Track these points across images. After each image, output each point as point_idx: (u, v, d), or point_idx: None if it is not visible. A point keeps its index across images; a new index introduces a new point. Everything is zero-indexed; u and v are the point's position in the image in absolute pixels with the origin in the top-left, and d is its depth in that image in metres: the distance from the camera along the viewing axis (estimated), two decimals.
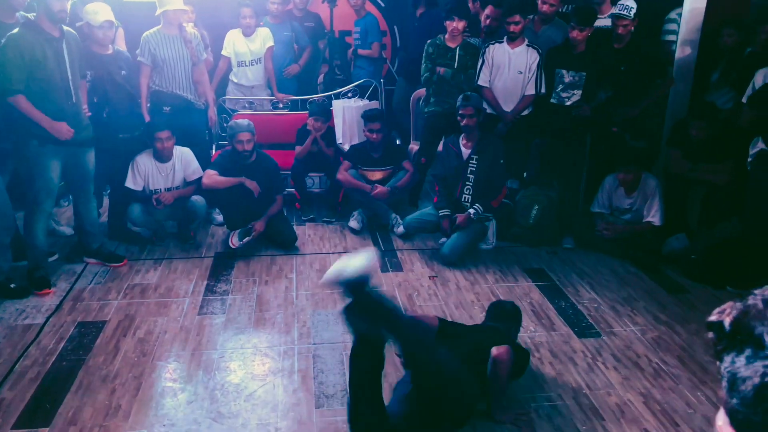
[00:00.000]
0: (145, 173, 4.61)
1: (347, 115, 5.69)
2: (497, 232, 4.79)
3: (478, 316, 3.75)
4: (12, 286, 3.88)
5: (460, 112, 4.50)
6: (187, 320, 3.67)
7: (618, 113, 4.72)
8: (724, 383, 0.54)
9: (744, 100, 4.19)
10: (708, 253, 4.15)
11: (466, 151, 4.63)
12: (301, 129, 5.37)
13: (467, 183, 4.60)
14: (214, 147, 5.54)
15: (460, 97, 4.56)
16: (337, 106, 5.71)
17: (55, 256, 4.34)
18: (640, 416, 2.85)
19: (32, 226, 3.97)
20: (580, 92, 4.67)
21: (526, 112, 4.90)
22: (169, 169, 4.67)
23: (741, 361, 0.52)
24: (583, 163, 4.97)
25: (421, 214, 4.82)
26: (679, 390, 3.05)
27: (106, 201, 5.07)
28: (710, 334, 0.55)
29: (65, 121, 3.83)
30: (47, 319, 3.66)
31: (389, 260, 4.58)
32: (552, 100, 4.77)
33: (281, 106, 5.89)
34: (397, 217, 5.05)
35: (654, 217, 4.44)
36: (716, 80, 4.79)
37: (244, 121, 4.75)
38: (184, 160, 4.71)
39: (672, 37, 5.20)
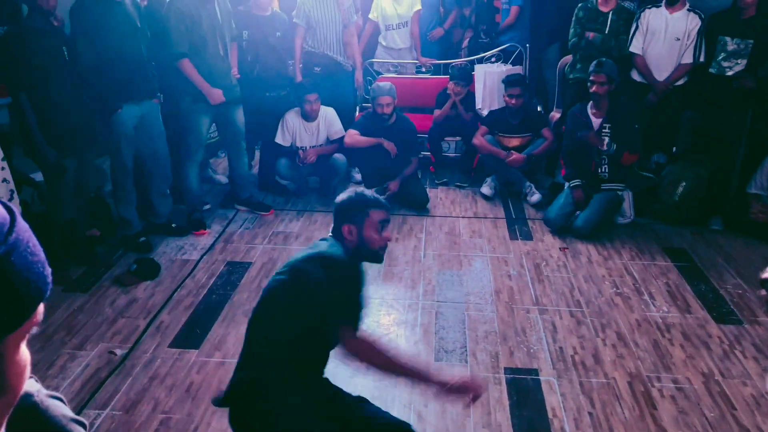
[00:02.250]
0: (293, 130, 4.91)
1: (488, 81, 5.64)
2: (636, 207, 4.57)
3: (608, 292, 3.66)
4: (173, 225, 4.35)
5: (591, 78, 4.32)
6: None
7: None
8: None
9: None
10: None
11: (596, 121, 4.44)
12: (441, 93, 5.42)
13: (602, 154, 4.42)
14: (358, 108, 5.75)
15: (594, 62, 4.36)
16: (479, 70, 5.67)
17: (208, 206, 4.77)
18: None
19: (186, 173, 4.40)
20: (744, 62, 4.28)
21: (680, 82, 4.58)
22: (315, 128, 4.93)
23: None
24: (740, 140, 4.57)
25: (560, 205, 4.50)
26: None
27: (257, 154, 5.47)
28: (763, 291, 0.57)
29: (216, 80, 4.16)
30: (201, 256, 4.07)
31: (519, 228, 4.55)
32: (711, 70, 4.42)
33: (424, 70, 5.96)
34: (532, 185, 4.98)
35: None
36: None
37: (386, 85, 4.89)
38: (328, 119, 4.95)
39: None
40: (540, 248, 4.25)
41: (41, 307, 0.71)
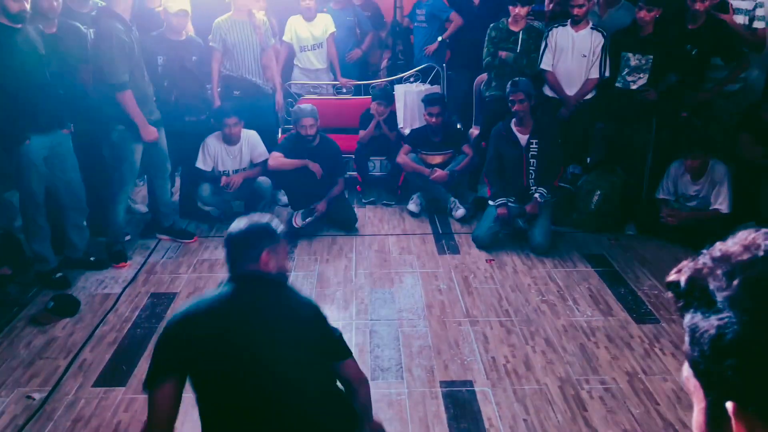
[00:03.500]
0: (215, 155, 4.82)
1: (408, 100, 5.74)
2: (555, 217, 4.75)
3: (534, 300, 3.77)
4: (92, 259, 4.16)
5: (510, 98, 4.48)
6: None
7: (687, 97, 4.59)
8: (687, 337, 0.57)
9: None
10: None
11: (523, 137, 4.60)
12: (364, 113, 5.47)
13: (530, 168, 4.58)
14: (280, 130, 5.72)
15: (509, 83, 4.53)
16: (399, 90, 5.77)
17: (128, 237, 4.58)
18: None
19: (115, 205, 4.22)
20: (646, 76, 4.57)
21: (589, 96, 4.83)
22: (237, 152, 4.86)
23: (698, 316, 0.55)
24: (648, 149, 4.85)
25: (488, 224, 4.58)
26: None
27: (177, 181, 5.33)
28: (669, 294, 0.59)
29: (146, 105, 4.06)
30: (123, 289, 3.91)
31: (446, 243, 4.63)
32: (617, 84, 4.68)
33: (344, 91, 6.01)
34: (456, 201, 5.09)
35: (721, 204, 4.31)
36: None
37: (308, 107, 4.88)
38: (251, 142, 4.89)
39: (760, 24, 4.86)
40: (467, 261, 4.34)
41: None
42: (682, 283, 0.57)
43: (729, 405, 0.52)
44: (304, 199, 4.83)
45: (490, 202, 4.66)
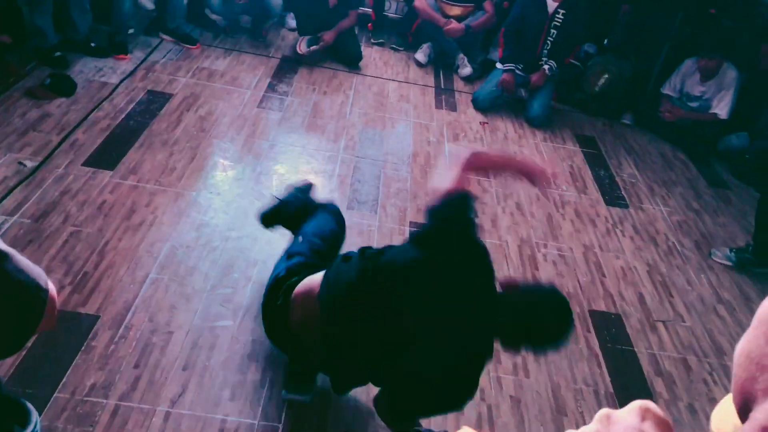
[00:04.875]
0: None
1: None
2: (559, 95, 4.74)
3: None
4: (93, 45, 4.14)
5: None
6: (246, 110, 3.91)
7: None
8: None
9: None
10: (763, 156, 4.07)
11: (552, 4, 4.45)
12: None
13: (548, 38, 4.48)
14: None
15: None
16: None
17: (132, 30, 4.52)
18: (639, 281, 3.04)
19: None
20: None
21: None
22: None
23: None
24: (665, 40, 4.74)
25: (492, 87, 4.55)
26: (684, 269, 3.20)
27: None
28: None
29: None
30: (121, 80, 3.94)
31: (446, 99, 4.64)
32: None
33: None
34: (465, 58, 5.01)
35: (722, 109, 4.31)
36: None
37: None
38: None
39: None
40: (462, 120, 4.38)
41: None
42: None
43: None
44: (313, 26, 4.73)
45: (498, 65, 4.61)
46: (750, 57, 4.43)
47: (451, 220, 1.76)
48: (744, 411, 0.48)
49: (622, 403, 2.39)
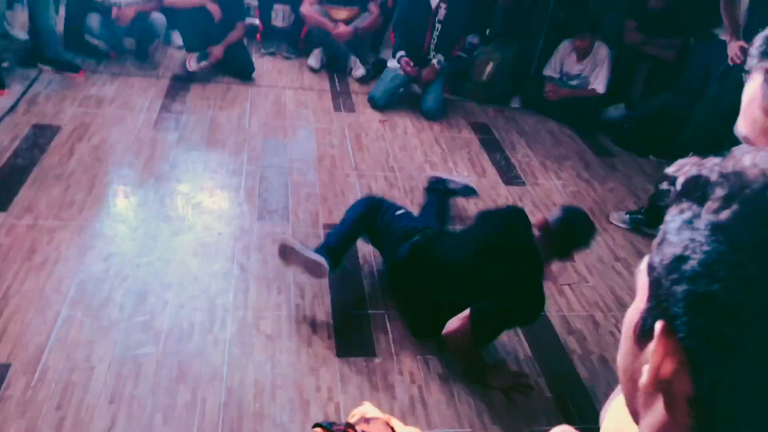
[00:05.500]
0: None
1: None
2: (451, 86, 4.93)
3: (418, 160, 4.01)
4: None
5: None
6: (142, 133, 3.82)
7: None
8: (658, 236, 0.50)
9: None
10: (639, 123, 4.42)
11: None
12: None
13: (434, 33, 4.64)
14: None
15: None
16: None
17: (5, 63, 4.31)
18: None
19: None
20: None
21: None
22: None
23: (676, 223, 0.47)
24: (542, 26, 5.04)
25: (386, 85, 4.66)
26: None
27: (62, 9, 4.95)
28: (664, 184, 0.51)
29: None
30: (1, 117, 3.75)
31: (343, 101, 4.72)
32: None
33: None
34: (357, 59, 5.11)
35: (599, 84, 4.64)
36: None
37: None
38: None
39: None
40: (362, 120, 4.47)
41: None
42: (678, 184, 0.49)
43: (659, 324, 0.46)
44: (201, 42, 4.68)
45: (390, 64, 4.74)
46: (617, 33, 4.79)
47: (512, 233, 2.46)
48: (637, 422, 0.52)
49: (541, 364, 2.55)
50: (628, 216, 3.55)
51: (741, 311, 0.42)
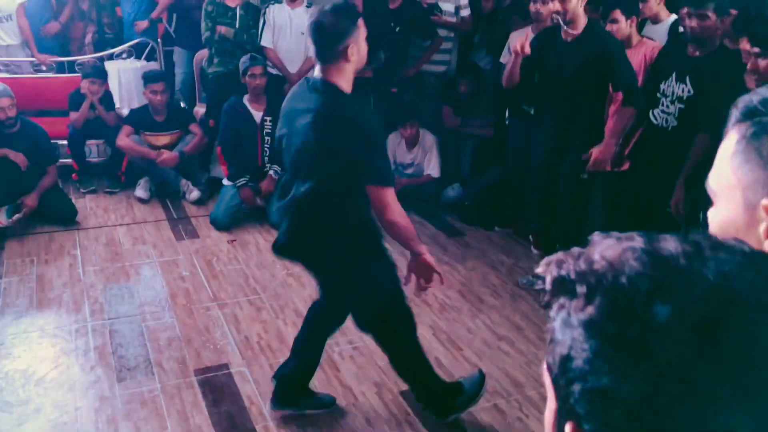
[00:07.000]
0: None
1: (124, 78, 5.34)
2: None
3: (280, 275, 3.85)
4: None
5: (250, 72, 4.46)
6: None
7: (396, 73, 5.04)
8: (549, 334, 0.50)
9: (501, 60, 4.71)
10: (477, 198, 4.68)
11: (257, 114, 4.61)
12: (74, 93, 4.91)
13: (265, 146, 4.60)
14: None
15: (247, 56, 4.51)
16: (112, 67, 5.31)
17: None
18: (430, 347, 3.19)
19: None
20: None
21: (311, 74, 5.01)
22: None
23: (558, 322, 0.48)
24: None
25: (226, 204, 4.52)
26: (461, 319, 3.47)
27: None
28: (539, 283, 0.52)
29: None
30: None
31: (184, 228, 4.46)
32: None
33: (44, 68, 5.32)
34: (189, 182, 4.90)
35: (433, 169, 4.87)
36: (477, 42, 5.32)
37: (0, 85, 4.23)
38: None
39: (465, 12, 5.44)
40: (209, 244, 4.24)
41: None
42: (548, 283, 0.50)
43: (568, 427, 0.47)
44: (9, 194, 4.20)
45: (225, 182, 4.60)
46: (436, 120, 5.11)
47: None
48: None
49: None
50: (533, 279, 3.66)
51: (632, 403, 0.43)
